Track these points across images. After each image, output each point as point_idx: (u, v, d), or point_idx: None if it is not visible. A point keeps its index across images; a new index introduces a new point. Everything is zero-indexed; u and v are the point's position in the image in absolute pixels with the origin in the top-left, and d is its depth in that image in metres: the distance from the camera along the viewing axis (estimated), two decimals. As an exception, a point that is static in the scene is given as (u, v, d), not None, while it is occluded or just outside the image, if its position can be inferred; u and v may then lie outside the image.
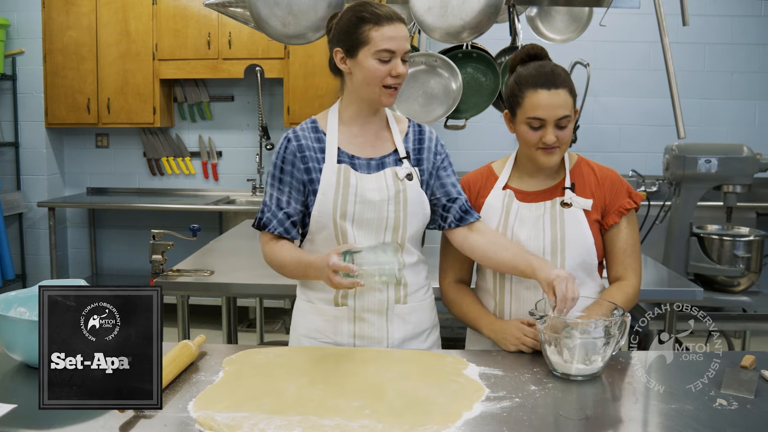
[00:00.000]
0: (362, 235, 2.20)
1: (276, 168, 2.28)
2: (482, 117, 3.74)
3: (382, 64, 2.13)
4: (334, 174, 2.20)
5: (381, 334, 2.25)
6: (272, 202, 2.26)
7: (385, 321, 2.25)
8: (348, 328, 2.25)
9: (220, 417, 1.62)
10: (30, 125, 6.56)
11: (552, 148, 2.22)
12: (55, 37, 6.32)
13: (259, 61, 6.16)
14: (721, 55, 6.38)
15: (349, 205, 2.18)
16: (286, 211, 2.23)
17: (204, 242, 3.95)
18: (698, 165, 4.02)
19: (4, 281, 6.22)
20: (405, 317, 2.27)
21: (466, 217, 2.28)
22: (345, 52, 2.18)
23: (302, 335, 2.32)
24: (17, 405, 1.69)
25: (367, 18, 2.12)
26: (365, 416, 1.64)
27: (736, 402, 1.74)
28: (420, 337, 2.32)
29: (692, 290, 3.11)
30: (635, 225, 2.34)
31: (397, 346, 2.27)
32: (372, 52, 2.12)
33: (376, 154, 2.27)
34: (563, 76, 2.20)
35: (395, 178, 2.21)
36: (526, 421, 1.65)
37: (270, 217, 2.24)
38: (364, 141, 2.27)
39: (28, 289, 2.13)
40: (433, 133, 2.36)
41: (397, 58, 2.13)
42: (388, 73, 2.14)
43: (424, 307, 2.34)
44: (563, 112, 2.18)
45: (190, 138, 6.78)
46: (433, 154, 2.32)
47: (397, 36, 2.12)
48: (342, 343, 2.26)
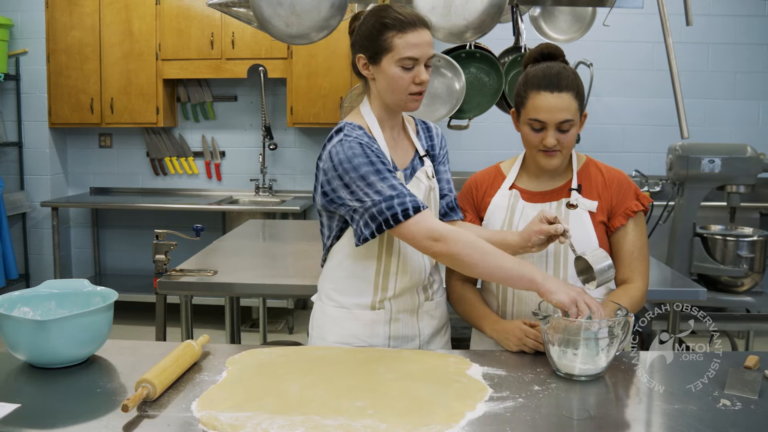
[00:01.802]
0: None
1: (375, 163, 2.05)
2: (485, 117, 3.74)
3: (405, 71, 2.09)
4: None
5: (413, 332, 2.28)
6: (399, 188, 2.04)
7: (416, 319, 2.28)
8: (384, 330, 2.25)
9: (224, 417, 1.62)
10: (33, 125, 6.57)
11: (552, 152, 2.21)
12: (58, 37, 6.33)
13: (262, 61, 6.17)
14: (725, 55, 6.37)
15: None
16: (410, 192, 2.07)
17: (207, 242, 3.95)
18: (701, 165, 4.02)
19: (8, 281, 6.23)
20: (432, 313, 2.32)
21: (450, 213, 2.33)
22: (368, 58, 2.14)
23: (335, 342, 2.26)
24: (21, 404, 1.69)
25: (390, 24, 2.07)
26: (368, 416, 1.64)
27: (739, 402, 1.74)
28: (441, 331, 2.38)
29: (695, 290, 3.10)
30: (643, 228, 2.32)
31: (427, 342, 2.31)
32: (395, 59, 2.08)
33: (406, 160, 2.26)
34: (570, 80, 2.17)
35: (427, 178, 2.25)
36: (530, 422, 1.65)
37: (414, 199, 2.03)
38: (396, 148, 2.26)
39: (31, 289, 2.13)
40: (438, 129, 2.40)
41: (420, 64, 2.10)
42: (411, 81, 2.10)
43: (443, 302, 2.40)
44: (565, 116, 2.16)
45: (194, 138, 6.79)
46: (439, 148, 2.36)
47: (420, 43, 2.08)
48: (377, 345, 2.25)
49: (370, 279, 2.22)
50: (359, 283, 2.22)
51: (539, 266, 2.24)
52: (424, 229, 2.02)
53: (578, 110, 2.19)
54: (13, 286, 6.24)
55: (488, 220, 2.34)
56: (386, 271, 2.21)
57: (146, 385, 1.70)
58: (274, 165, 6.67)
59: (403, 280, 2.23)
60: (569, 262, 2.23)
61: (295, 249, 4.00)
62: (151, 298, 4.31)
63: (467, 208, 2.41)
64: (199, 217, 6.25)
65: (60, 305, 2.11)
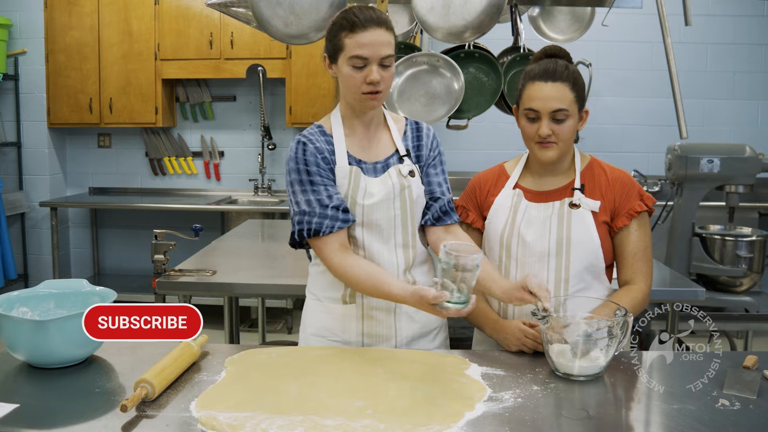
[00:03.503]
0: (373, 238, 2.22)
1: (301, 173, 2.18)
2: (484, 117, 3.73)
3: (356, 70, 2.11)
4: (346, 177, 2.20)
5: (389, 332, 2.26)
6: (313, 206, 2.16)
7: (393, 319, 2.26)
8: (356, 326, 2.26)
9: (223, 417, 1.62)
10: (32, 125, 6.56)
11: (548, 143, 2.22)
12: (57, 37, 6.32)
13: (261, 61, 6.17)
14: (724, 55, 6.37)
15: (357, 209, 2.19)
16: (332, 205, 2.15)
17: (206, 242, 3.95)
18: (700, 165, 4.03)
19: (7, 281, 6.23)
20: (412, 315, 2.27)
21: (444, 218, 2.30)
22: (329, 57, 2.19)
23: (311, 334, 2.33)
24: (20, 405, 1.69)
25: (343, 25, 2.11)
26: (367, 416, 1.64)
27: (738, 402, 1.74)
28: (428, 336, 2.33)
29: (694, 290, 3.10)
30: (647, 228, 2.31)
31: (406, 344, 2.28)
32: (346, 58, 2.11)
33: (380, 156, 2.27)
34: (566, 72, 2.19)
35: (399, 175, 2.23)
36: (529, 422, 1.65)
37: (319, 221, 2.14)
38: (369, 144, 2.28)
39: (30, 289, 2.13)
40: (430, 130, 2.37)
41: (372, 64, 2.10)
42: (363, 80, 2.11)
43: None
44: (558, 105, 2.17)
45: (193, 138, 6.78)
46: (429, 150, 2.32)
47: (370, 43, 2.08)
48: (351, 341, 2.26)
49: None
50: (331, 277, 2.24)
51: (541, 267, 2.24)
52: (323, 254, 2.18)
53: (575, 102, 2.20)
54: (11, 286, 6.23)
55: (491, 220, 2.34)
56: None
57: (145, 385, 1.70)
58: (273, 165, 6.67)
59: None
60: (571, 262, 2.23)
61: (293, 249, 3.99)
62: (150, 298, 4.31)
63: (470, 208, 2.41)
64: (198, 217, 6.24)
65: (59, 305, 2.11)
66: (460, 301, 1.85)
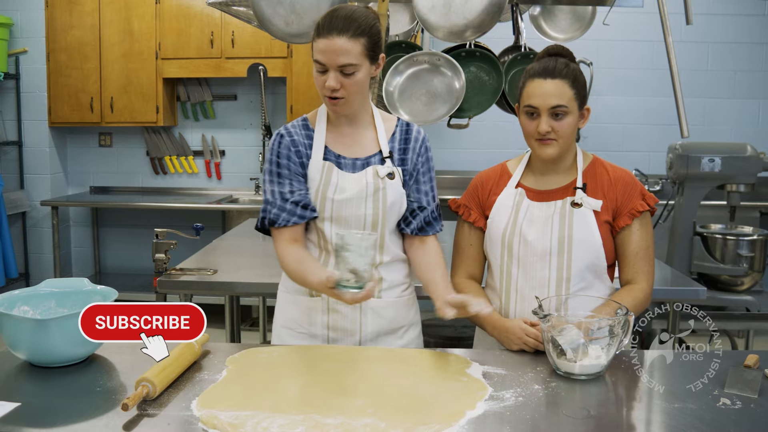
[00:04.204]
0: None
1: (272, 164, 2.27)
2: (485, 116, 3.73)
3: (319, 74, 2.14)
4: (318, 171, 2.23)
5: (354, 327, 2.28)
6: (275, 197, 2.24)
7: (359, 314, 2.27)
8: (322, 319, 2.28)
9: (224, 416, 1.62)
10: (33, 124, 6.56)
11: (547, 140, 2.22)
12: (58, 36, 6.33)
13: (262, 60, 6.16)
14: (725, 54, 6.37)
15: (327, 203, 2.22)
16: (293, 200, 2.22)
17: (207, 241, 3.95)
18: (701, 164, 4.03)
19: (8, 280, 6.23)
20: (379, 312, 2.29)
21: (426, 229, 2.32)
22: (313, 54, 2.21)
23: (280, 326, 2.38)
24: (21, 403, 1.69)
25: (316, 26, 2.13)
26: (368, 415, 1.64)
27: (739, 401, 1.74)
28: (396, 333, 2.34)
29: (695, 289, 3.10)
30: (649, 228, 2.30)
31: (371, 340, 2.29)
32: (313, 60, 2.14)
33: (362, 154, 2.28)
34: (565, 70, 2.20)
35: (376, 176, 2.24)
36: (530, 420, 1.65)
37: (278, 212, 2.23)
38: (352, 141, 2.29)
39: (31, 288, 2.13)
40: (420, 134, 2.36)
41: (330, 71, 2.11)
42: (323, 84, 2.14)
43: (401, 304, 2.35)
44: (556, 102, 2.17)
45: (193, 137, 6.78)
46: (417, 155, 2.32)
47: (326, 50, 2.09)
48: (316, 334, 2.29)
49: None
50: None
51: (542, 266, 2.24)
52: (275, 243, 2.27)
53: (574, 99, 2.20)
54: (12, 285, 6.23)
55: (493, 219, 2.33)
56: (326, 262, 2.27)
57: (146, 383, 1.70)
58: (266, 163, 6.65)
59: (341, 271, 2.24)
60: (573, 261, 2.22)
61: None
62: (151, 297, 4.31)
63: (473, 206, 2.41)
64: (198, 216, 6.24)
65: (60, 304, 2.11)
66: (354, 286, 1.90)
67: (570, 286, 2.23)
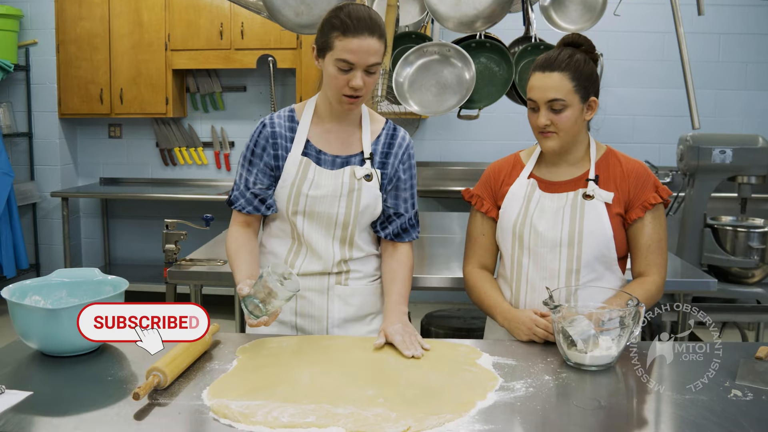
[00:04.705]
0: (312, 229, 2.27)
1: (248, 150, 2.34)
2: (495, 107, 3.72)
3: (342, 72, 2.12)
4: (295, 165, 2.25)
5: (321, 313, 2.31)
6: (241, 181, 2.32)
7: (326, 300, 2.31)
8: (289, 304, 2.30)
9: (235, 405, 1.62)
10: (43, 115, 6.58)
11: (548, 133, 2.22)
12: (68, 27, 6.34)
13: (271, 51, 6.16)
14: (736, 45, 6.34)
15: (301, 198, 2.24)
16: (253, 191, 2.29)
17: (217, 232, 3.96)
18: (712, 156, 4.01)
19: (18, 271, 6.25)
20: (346, 299, 2.32)
21: (402, 235, 2.35)
22: (317, 50, 2.20)
23: None
24: (33, 392, 1.70)
25: (335, 24, 2.11)
26: (379, 405, 1.64)
27: (751, 393, 1.73)
28: (363, 320, 2.37)
29: (706, 281, 3.10)
30: (662, 220, 2.28)
31: (338, 326, 2.32)
32: (334, 59, 2.12)
33: (343, 152, 2.29)
34: (566, 62, 2.18)
35: (352, 176, 2.25)
36: (540, 411, 1.65)
37: (238, 196, 2.31)
38: (335, 138, 2.30)
39: (42, 278, 2.14)
40: (405, 140, 2.36)
41: (357, 70, 2.11)
42: (345, 83, 2.13)
43: (369, 292, 2.37)
44: (553, 95, 2.17)
45: (203, 128, 6.79)
46: (399, 162, 2.33)
47: (358, 50, 2.09)
48: (284, 320, 2.32)
49: (282, 255, 2.33)
50: (273, 259, 2.33)
51: (553, 258, 2.24)
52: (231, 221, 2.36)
53: (574, 92, 2.18)
54: (23, 276, 6.25)
55: (505, 209, 2.33)
56: (297, 252, 2.31)
57: (157, 373, 1.71)
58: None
59: (311, 261, 2.30)
60: (583, 252, 2.22)
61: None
62: (161, 288, 4.32)
63: (485, 196, 2.40)
64: (208, 207, 6.24)
65: (71, 294, 2.12)
66: (253, 312, 1.95)
67: (580, 278, 2.23)
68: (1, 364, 1.92)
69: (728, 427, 1.56)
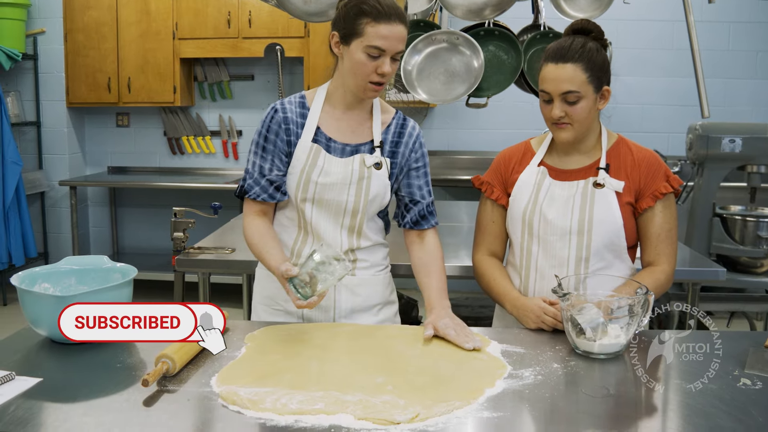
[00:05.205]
0: (320, 217, 2.26)
1: (260, 136, 2.30)
2: (504, 95, 3.71)
3: (371, 59, 2.12)
4: (305, 152, 2.24)
5: (328, 303, 2.30)
6: (254, 169, 2.28)
7: (334, 290, 2.29)
8: None
9: (243, 392, 1.62)
10: (51, 104, 6.59)
11: (562, 124, 2.20)
12: (75, 16, 6.34)
13: (279, 39, 6.15)
14: (745, 34, 6.29)
15: (310, 186, 2.23)
16: (269, 178, 2.26)
17: (225, 221, 3.96)
18: (722, 145, 3.99)
19: (27, 259, 6.27)
20: (354, 289, 2.31)
21: (421, 222, 2.34)
22: (340, 37, 2.19)
23: (258, 302, 2.42)
24: (42, 379, 1.71)
25: (366, 11, 2.11)
26: (387, 392, 1.64)
27: (760, 382, 1.73)
28: (371, 310, 2.36)
29: (715, 270, 3.09)
30: (672, 210, 2.27)
31: (345, 316, 2.31)
32: (363, 45, 2.12)
33: (353, 140, 2.28)
34: (579, 52, 2.16)
35: (362, 164, 2.24)
36: (549, 399, 1.65)
37: (252, 184, 2.27)
38: (346, 126, 2.30)
39: (51, 265, 2.15)
40: (415, 130, 2.36)
41: (386, 56, 2.12)
42: (374, 70, 2.14)
43: (376, 282, 2.37)
44: (568, 87, 2.15)
45: (211, 117, 6.79)
46: (409, 151, 2.33)
47: (390, 36, 2.10)
48: (292, 311, 2.31)
49: (288, 245, 2.32)
50: None
51: (562, 246, 2.23)
52: (244, 211, 2.32)
53: (587, 82, 2.16)
54: (31, 264, 6.28)
55: (515, 197, 2.32)
56: (303, 241, 2.30)
57: (166, 360, 1.71)
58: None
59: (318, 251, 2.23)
60: (592, 240, 2.21)
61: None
62: (170, 276, 4.34)
63: (495, 184, 2.39)
64: (216, 195, 6.24)
65: (80, 281, 2.13)
66: (302, 294, 1.93)
67: (589, 266, 2.22)
68: (11, 350, 1.93)
69: (737, 415, 1.56)
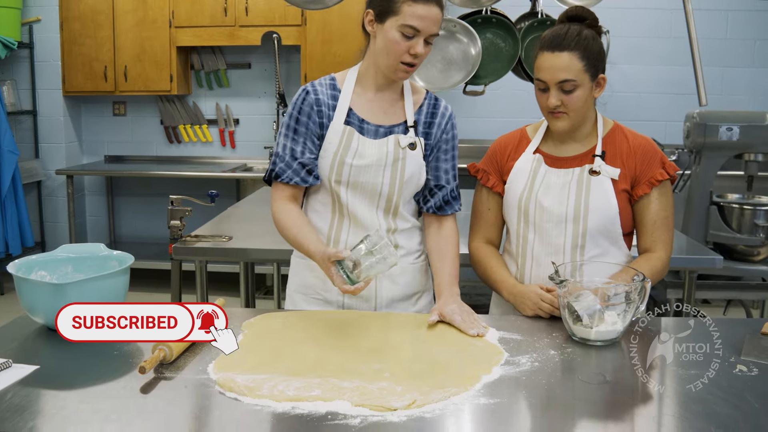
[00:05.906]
0: (356, 199, 2.22)
1: (291, 119, 2.24)
2: (501, 83, 3.71)
3: (405, 39, 2.10)
4: (338, 135, 2.21)
5: (369, 293, 2.27)
6: (286, 152, 2.23)
7: (375, 280, 2.25)
8: None
9: (240, 379, 1.62)
10: (47, 93, 6.58)
11: (558, 113, 2.19)
12: (71, 4, 6.31)
13: (276, 28, 6.13)
14: (743, 22, 6.28)
15: (345, 168, 2.20)
16: (301, 161, 2.21)
17: (222, 208, 3.97)
18: (719, 133, 3.98)
19: (24, 248, 6.27)
20: (394, 278, 2.28)
21: (445, 207, 2.32)
22: (375, 15, 2.15)
23: (294, 291, 2.38)
24: (39, 366, 1.71)
25: None
26: (384, 379, 1.64)
27: (756, 368, 1.73)
28: (410, 299, 2.34)
29: (712, 258, 3.09)
30: (668, 197, 2.27)
31: (386, 306, 2.29)
32: (398, 24, 2.09)
33: (386, 122, 2.26)
34: (575, 40, 2.14)
35: (397, 145, 2.22)
36: (545, 385, 1.65)
37: (284, 168, 2.22)
38: (378, 107, 2.27)
39: (48, 253, 2.15)
40: (448, 110, 2.34)
41: (420, 37, 2.11)
42: (407, 50, 2.11)
43: (415, 270, 2.35)
44: (564, 76, 2.14)
45: (207, 106, 6.78)
46: (441, 131, 2.31)
47: (427, 16, 2.08)
48: (331, 300, 2.29)
49: (324, 231, 2.28)
50: None
51: (558, 233, 2.23)
52: (273, 196, 2.27)
53: (584, 71, 2.15)
54: (28, 253, 6.25)
55: (510, 184, 2.32)
56: (339, 226, 2.26)
57: (163, 347, 1.71)
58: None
59: (355, 234, 2.23)
60: (588, 227, 2.21)
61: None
62: (167, 265, 4.33)
63: (491, 171, 2.39)
64: (213, 184, 6.26)
65: (77, 269, 2.13)
66: (350, 278, 1.90)
67: (585, 253, 2.22)
68: (8, 338, 1.93)
69: (733, 401, 1.57)
